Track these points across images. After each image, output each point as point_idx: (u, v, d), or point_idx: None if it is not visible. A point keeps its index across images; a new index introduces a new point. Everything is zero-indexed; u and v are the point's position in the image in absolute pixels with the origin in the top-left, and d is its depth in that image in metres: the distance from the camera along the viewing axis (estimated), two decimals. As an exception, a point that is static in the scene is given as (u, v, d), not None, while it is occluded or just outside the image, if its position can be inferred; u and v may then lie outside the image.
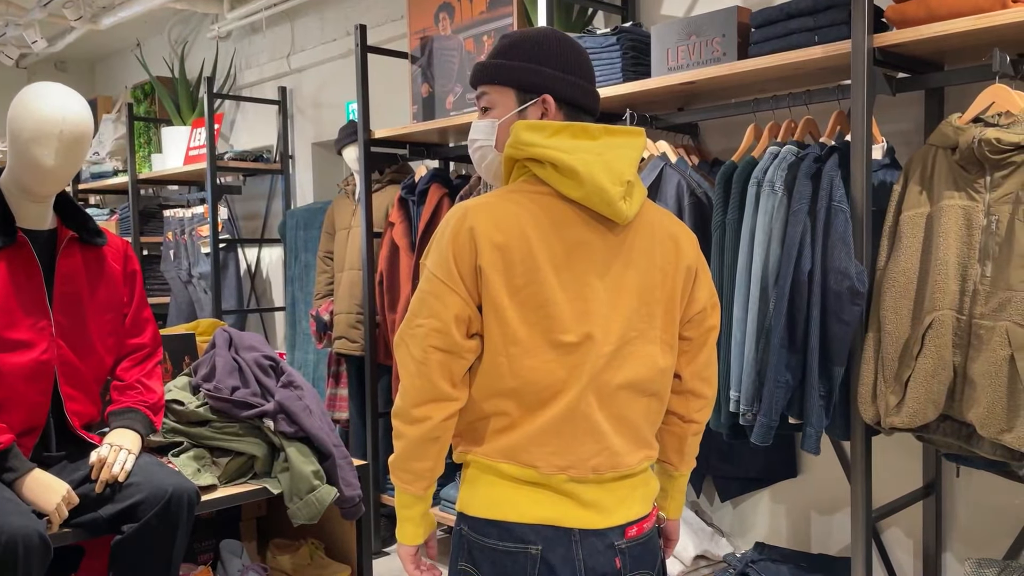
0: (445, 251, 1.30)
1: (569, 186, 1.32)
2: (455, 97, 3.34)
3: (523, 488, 1.30)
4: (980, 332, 1.87)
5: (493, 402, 1.31)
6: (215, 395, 2.10)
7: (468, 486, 1.35)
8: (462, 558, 1.32)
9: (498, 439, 1.31)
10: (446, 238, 1.30)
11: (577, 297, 1.31)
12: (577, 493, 1.31)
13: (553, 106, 1.38)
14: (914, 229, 1.99)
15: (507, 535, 1.28)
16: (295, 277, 4.41)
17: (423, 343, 1.28)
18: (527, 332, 1.29)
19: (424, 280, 1.32)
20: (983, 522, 2.35)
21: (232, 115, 5.17)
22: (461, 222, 1.30)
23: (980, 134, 1.85)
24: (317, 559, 2.29)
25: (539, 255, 1.29)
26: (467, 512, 1.33)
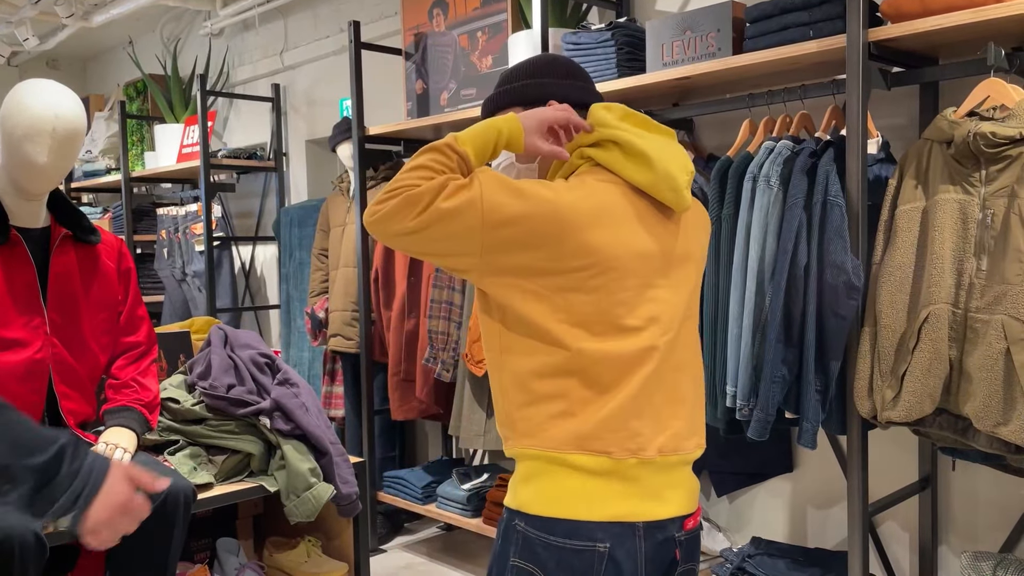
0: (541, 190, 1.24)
1: (637, 171, 1.33)
2: (449, 94, 3.33)
3: (593, 481, 1.26)
4: (976, 326, 1.87)
5: (553, 383, 1.27)
6: (211, 393, 2.09)
7: (528, 483, 1.29)
8: (517, 554, 1.27)
9: (562, 426, 1.27)
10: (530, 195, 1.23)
11: (644, 282, 1.32)
12: (643, 478, 1.29)
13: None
14: (910, 223, 1.99)
15: (575, 533, 1.25)
16: (290, 275, 4.40)
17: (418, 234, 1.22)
18: (596, 313, 1.28)
19: (470, 214, 1.21)
20: (979, 515, 2.36)
21: (225, 112, 5.16)
22: (556, 195, 1.25)
23: (975, 128, 1.85)
24: (314, 557, 2.28)
25: (616, 238, 1.29)
26: (528, 511, 1.27)
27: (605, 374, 1.28)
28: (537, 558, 1.25)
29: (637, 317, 1.30)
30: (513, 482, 1.33)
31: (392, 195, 1.24)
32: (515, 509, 1.29)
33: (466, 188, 1.23)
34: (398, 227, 1.23)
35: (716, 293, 2.30)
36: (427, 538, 3.71)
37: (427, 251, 1.28)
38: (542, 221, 1.24)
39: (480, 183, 1.24)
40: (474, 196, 1.22)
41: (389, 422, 3.74)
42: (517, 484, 1.31)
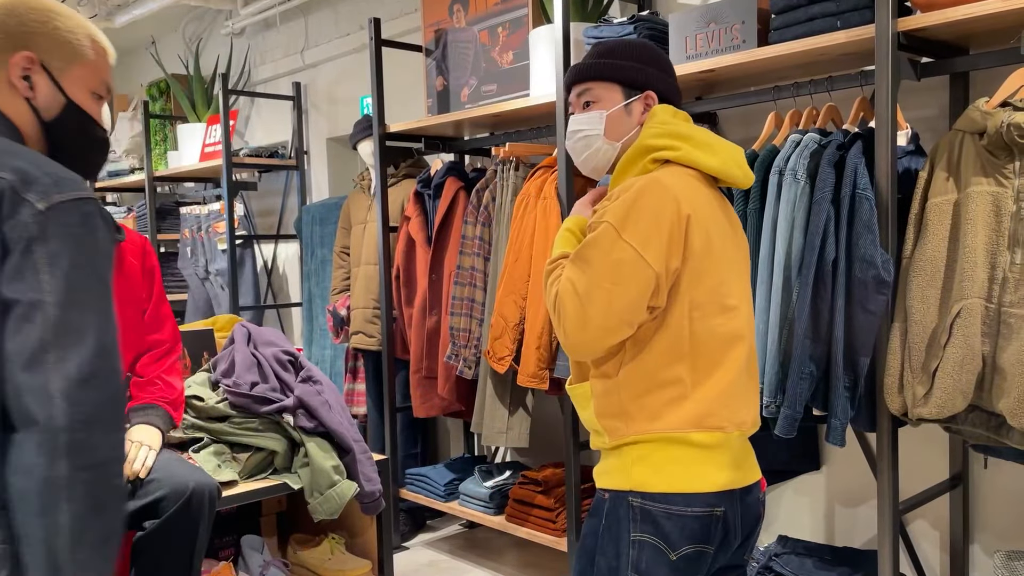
0: (651, 222, 1.37)
1: (707, 156, 1.47)
2: (470, 90, 3.31)
3: (707, 454, 1.40)
4: (1010, 320, 1.83)
5: (671, 369, 1.40)
6: (234, 391, 2.09)
7: (644, 463, 1.40)
8: (638, 529, 1.39)
9: (680, 409, 1.40)
10: (652, 209, 1.38)
11: (731, 265, 1.47)
12: (739, 448, 1.46)
13: (655, 101, 1.56)
14: (941, 216, 1.95)
15: (696, 501, 1.39)
16: (311, 272, 4.41)
17: (610, 309, 1.36)
18: (707, 297, 1.42)
19: (619, 249, 1.37)
20: (1012, 514, 2.31)
21: (247, 111, 5.18)
22: (665, 193, 1.39)
23: (1009, 118, 1.81)
24: (338, 554, 2.28)
25: (711, 226, 1.43)
26: (647, 488, 1.39)
27: (715, 353, 1.42)
28: (660, 529, 1.38)
29: (735, 296, 1.46)
30: (619, 465, 1.43)
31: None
32: (629, 489, 1.40)
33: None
34: None
35: (742, 289, 2.27)
36: (450, 535, 3.71)
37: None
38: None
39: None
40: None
41: (411, 419, 3.74)
42: (630, 466, 1.41)
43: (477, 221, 3.12)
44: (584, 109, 1.57)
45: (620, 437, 1.43)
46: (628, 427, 1.42)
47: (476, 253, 3.11)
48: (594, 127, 1.55)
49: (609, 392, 1.43)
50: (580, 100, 1.57)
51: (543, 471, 3.11)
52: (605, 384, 1.44)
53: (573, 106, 1.60)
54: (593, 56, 1.57)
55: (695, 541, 1.39)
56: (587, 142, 1.56)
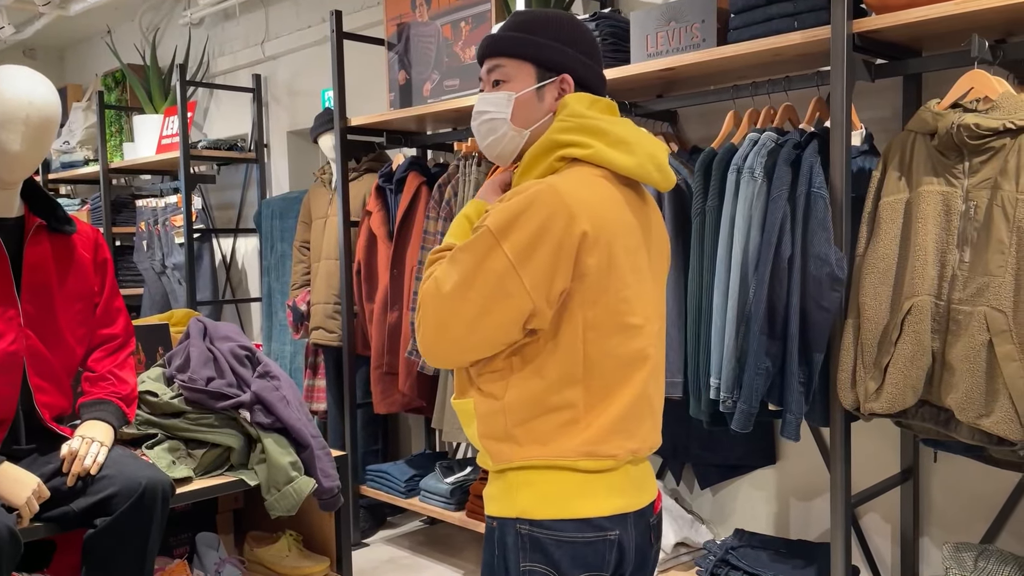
0: (536, 237, 1.22)
1: (622, 156, 1.31)
2: (432, 84, 3.30)
3: (600, 479, 1.30)
4: (959, 317, 1.87)
5: (563, 394, 1.28)
6: (189, 386, 2.06)
7: (530, 488, 1.29)
8: (527, 559, 1.28)
9: (571, 435, 1.28)
10: (540, 222, 1.22)
11: (637, 279, 1.33)
12: (635, 474, 1.36)
13: (571, 87, 1.37)
14: (893, 215, 1.99)
15: (587, 527, 1.28)
16: (271, 267, 4.35)
17: (473, 325, 1.24)
18: (605, 317, 1.28)
19: (494, 258, 1.23)
20: (960, 507, 2.37)
21: (205, 103, 5.10)
22: (559, 206, 1.23)
23: (959, 120, 1.85)
24: (295, 551, 2.26)
25: (616, 240, 1.29)
26: (534, 516, 1.28)
27: (613, 375, 1.30)
28: (550, 558, 1.27)
29: (638, 314, 1.32)
30: (504, 490, 1.32)
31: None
32: (515, 517, 1.29)
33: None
34: None
35: (700, 286, 2.30)
36: (410, 532, 3.70)
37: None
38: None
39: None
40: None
41: (372, 416, 3.72)
42: (515, 492, 1.30)
43: (439, 216, 3.10)
44: (493, 88, 1.38)
45: (505, 461, 1.30)
46: (513, 452, 1.30)
47: (437, 248, 3.10)
48: (500, 110, 1.36)
49: (494, 414, 1.30)
50: (490, 77, 1.39)
51: (504, 467, 3.11)
52: (490, 405, 1.30)
53: (483, 83, 1.42)
54: (509, 28, 1.39)
55: (588, 569, 1.28)
56: (492, 126, 1.38)
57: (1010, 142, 1.80)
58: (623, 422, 1.31)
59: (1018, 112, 1.81)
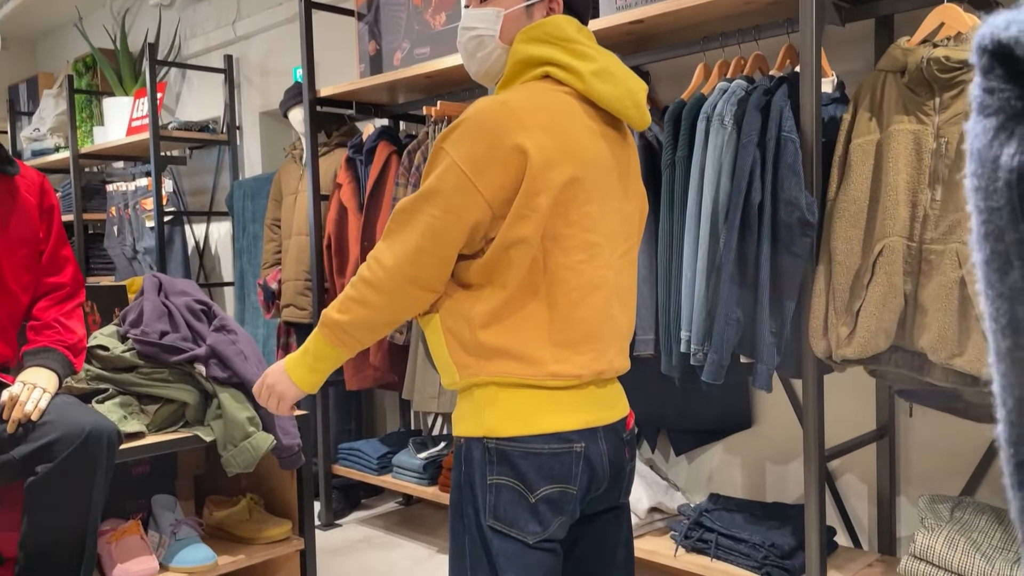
0: (484, 146, 1.24)
1: (602, 87, 1.31)
2: (403, 53, 3.24)
3: (564, 396, 1.30)
4: (930, 257, 1.83)
5: (527, 308, 1.27)
6: (142, 339, 1.98)
7: (495, 406, 1.28)
8: (493, 472, 1.28)
9: (536, 351, 1.27)
10: (487, 131, 1.24)
11: (601, 199, 1.32)
12: (602, 393, 1.36)
13: (560, 8, 1.38)
14: (864, 157, 1.95)
15: (553, 440, 1.28)
16: (243, 249, 4.28)
17: (431, 235, 1.24)
18: (564, 230, 1.28)
19: (445, 168, 1.24)
20: (937, 464, 2.32)
21: (177, 87, 5.02)
22: (507, 117, 1.24)
23: (929, 54, 1.81)
24: (256, 514, 2.18)
25: (578, 152, 1.29)
26: (500, 434, 1.28)
27: (573, 292, 1.29)
28: (517, 470, 1.27)
29: (600, 233, 1.32)
30: (472, 409, 1.31)
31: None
32: (483, 436, 1.29)
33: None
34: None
35: (670, 238, 2.25)
36: (385, 513, 3.62)
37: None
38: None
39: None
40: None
41: (345, 395, 3.65)
42: (482, 410, 1.29)
43: (408, 183, 3.05)
44: (481, 4, 1.40)
45: (471, 376, 1.29)
46: (480, 367, 1.28)
47: (407, 216, 3.04)
48: (489, 26, 1.37)
49: (461, 328, 1.28)
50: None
51: (477, 439, 3.05)
52: (456, 320, 1.29)
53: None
54: None
55: (555, 480, 1.28)
56: (479, 42, 1.39)
57: (980, 74, 1.76)
58: (588, 341, 1.31)
59: (988, 44, 1.77)
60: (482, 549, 1.29)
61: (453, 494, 1.35)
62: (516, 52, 1.34)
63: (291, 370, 1.35)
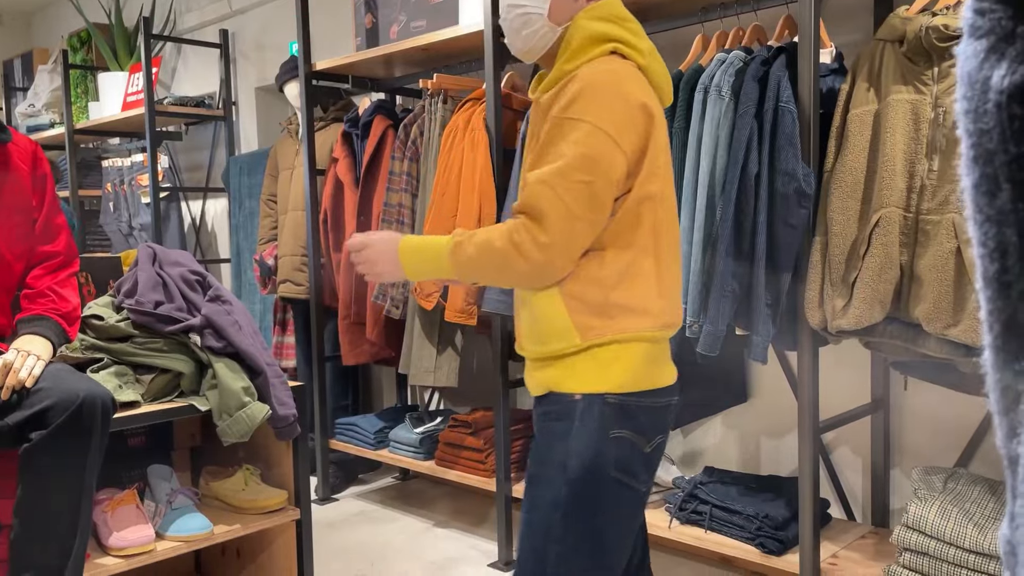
0: (619, 107, 1.32)
1: (654, 64, 1.44)
2: (399, 26, 3.22)
3: (661, 351, 1.42)
4: (927, 228, 1.83)
5: (642, 264, 1.37)
6: (137, 308, 1.98)
7: (620, 364, 1.36)
8: (617, 426, 1.36)
9: (650, 305, 1.37)
10: (617, 94, 1.33)
11: (667, 165, 1.43)
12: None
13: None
14: (861, 127, 1.94)
15: (661, 394, 1.40)
16: (240, 225, 4.27)
17: (586, 201, 1.31)
18: (658, 190, 1.39)
19: (586, 134, 1.31)
20: (931, 436, 2.33)
21: (173, 62, 4.99)
22: (627, 81, 1.35)
23: (928, 22, 1.80)
24: (252, 485, 2.19)
25: (657, 116, 1.39)
26: (626, 390, 1.36)
27: (666, 248, 1.41)
28: (638, 423, 1.37)
29: (673, 197, 1.45)
30: (594, 366, 1.36)
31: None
32: (606, 392, 1.36)
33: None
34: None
35: (667, 210, 2.24)
36: (381, 488, 3.64)
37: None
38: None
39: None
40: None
41: (342, 370, 3.65)
42: (608, 367, 1.36)
43: (404, 156, 3.03)
44: None
45: (595, 336, 1.36)
46: (605, 326, 1.36)
47: (403, 189, 3.03)
48: (538, 5, 1.42)
49: (589, 291, 1.36)
50: None
51: (473, 414, 3.06)
52: (584, 284, 1.36)
53: None
54: None
55: (660, 432, 1.41)
56: (526, 20, 1.44)
57: (979, 43, 1.75)
58: (677, 293, 1.44)
59: (987, 12, 1.76)
60: (594, 499, 1.35)
61: (548, 447, 1.38)
62: (583, 28, 1.40)
63: (404, 254, 1.38)
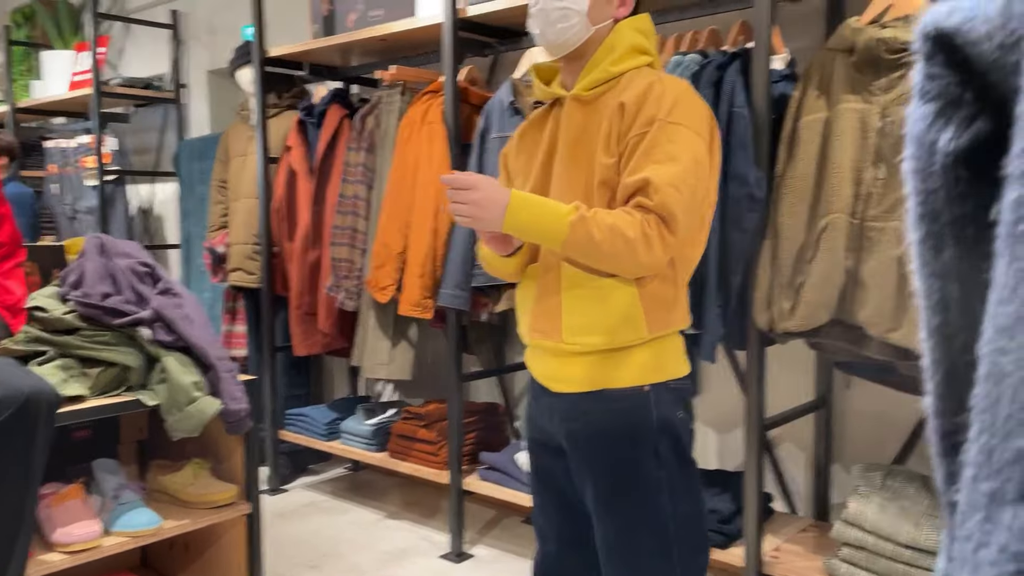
0: (705, 116, 1.45)
1: None
2: (357, 15, 3.18)
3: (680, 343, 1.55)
4: (872, 234, 1.88)
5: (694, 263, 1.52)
6: (84, 301, 1.94)
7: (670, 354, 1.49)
8: (678, 410, 1.48)
9: (681, 306, 1.51)
10: (700, 103, 1.45)
11: None
12: None
13: (631, 2, 1.53)
14: (812, 134, 1.99)
15: (688, 379, 1.53)
16: (190, 211, 4.19)
17: (697, 203, 1.41)
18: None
19: (690, 140, 1.40)
20: (870, 433, 2.41)
21: (121, 42, 4.86)
22: (698, 96, 1.47)
23: (877, 34, 1.85)
24: (202, 478, 2.16)
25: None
26: (676, 376, 1.50)
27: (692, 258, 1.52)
28: (687, 405, 1.54)
29: None
30: (656, 356, 1.47)
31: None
32: (667, 379, 1.48)
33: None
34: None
35: (622, 210, 2.27)
36: (332, 478, 3.63)
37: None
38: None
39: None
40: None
41: (294, 360, 3.62)
42: (664, 357, 1.48)
43: (360, 147, 3.01)
44: None
45: (661, 328, 1.46)
46: (667, 319, 1.47)
47: (359, 181, 3.01)
48: (579, 4, 1.47)
49: (664, 288, 1.46)
50: None
51: (427, 406, 3.06)
52: (660, 280, 1.45)
53: None
54: None
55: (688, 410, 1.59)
56: (565, 14, 1.48)
57: (925, 56, 1.81)
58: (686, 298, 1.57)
59: (933, 26, 1.81)
60: (685, 477, 1.47)
61: (634, 441, 1.45)
62: (628, 37, 1.50)
63: (515, 205, 1.38)
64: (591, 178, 1.46)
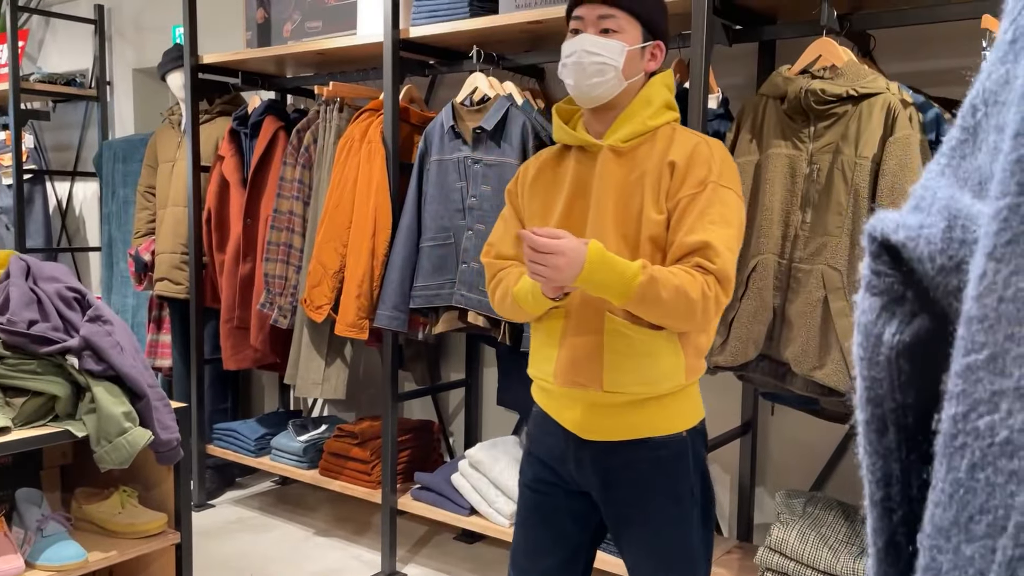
0: (739, 179, 1.54)
1: None
2: (293, 25, 3.14)
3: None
4: (798, 275, 1.97)
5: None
6: (8, 328, 1.87)
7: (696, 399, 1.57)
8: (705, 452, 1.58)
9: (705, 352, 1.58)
10: (735, 166, 1.55)
11: None
12: None
13: (663, 54, 1.59)
14: (744, 177, 2.06)
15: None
16: (112, 214, 4.05)
17: (736, 259, 1.50)
18: None
19: (735, 202, 1.48)
20: (793, 458, 2.52)
21: (40, 34, 4.66)
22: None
23: (807, 85, 1.93)
24: (130, 507, 2.11)
25: None
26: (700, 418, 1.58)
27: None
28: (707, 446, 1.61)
29: None
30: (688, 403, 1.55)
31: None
32: (695, 425, 1.55)
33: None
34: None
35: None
36: (260, 492, 3.58)
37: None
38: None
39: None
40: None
41: (221, 372, 3.55)
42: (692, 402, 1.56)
43: (297, 163, 2.97)
44: (601, 34, 1.52)
45: (695, 375, 1.54)
46: (700, 364, 1.55)
47: (295, 196, 2.97)
48: (615, 58, 1.51)
49: (699, 338, 1.53)
50: (600, 23, 1.52)
51: (360, 424, 3.05)
52: (698, 332, 1.52)
53: (584, 24, 1.53)
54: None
55: None
56: (601, 69, 1.51)
57: (852, 109, 1.90)
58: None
59: (860, 80, 1.91)
60: (708, 517, 1.57)
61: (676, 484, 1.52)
62: (663, 93, 1.57)
63: (592, 264, 1.35)
64: (638, 232, 1.48)
